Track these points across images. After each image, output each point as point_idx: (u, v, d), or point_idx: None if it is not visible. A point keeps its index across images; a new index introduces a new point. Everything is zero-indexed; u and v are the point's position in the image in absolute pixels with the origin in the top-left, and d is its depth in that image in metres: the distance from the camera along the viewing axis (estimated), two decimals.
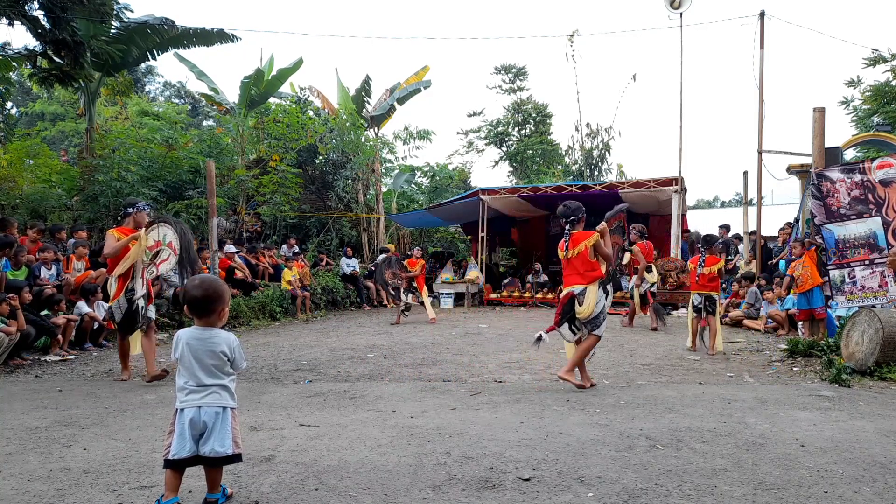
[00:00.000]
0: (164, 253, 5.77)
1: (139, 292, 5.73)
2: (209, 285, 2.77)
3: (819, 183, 7.31)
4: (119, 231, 5.80)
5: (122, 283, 5.67)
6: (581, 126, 26.02)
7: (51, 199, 12.96)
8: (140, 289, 5.73)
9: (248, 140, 17.00)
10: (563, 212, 5.36)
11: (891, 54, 13.55)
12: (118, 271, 5.62)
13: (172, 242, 5.75)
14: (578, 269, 5.18)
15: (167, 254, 5.77)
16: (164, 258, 5.78)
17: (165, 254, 5.77)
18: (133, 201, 6.06)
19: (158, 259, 5.79)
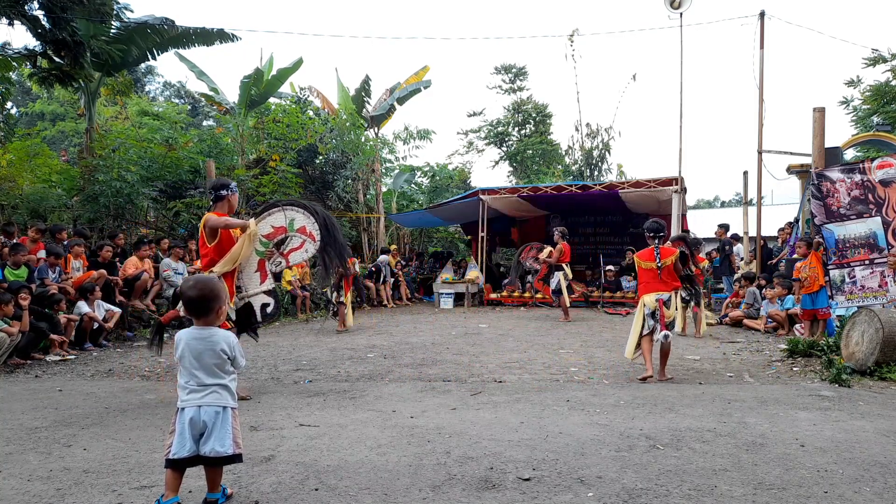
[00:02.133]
0: (294, 240, 5.06)
1: (254, 289, 4.99)
2: (204, 285, 2.78)
3: (819, 183, 7.31)
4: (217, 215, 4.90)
5: (230, 282, 4.83)
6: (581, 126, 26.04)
7: (51, 199, 12.95)
8: (256, 285, 4.98)
9: (248, 140, 16.99)
10: (654, 227, 5.90)
11: (891, 54, 13.55)
12: (221, 269, 4.76)
13: (307, 227, 5.02)
14: (665, 279, 5.77)
15: (300, 241, 5.05)
16: (296, 246, 5.07)
17: (297, 241, 5.06)
18: (226, 181, 5.06)
19: (287, 247, 5.07)
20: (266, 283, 4.99)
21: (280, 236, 5.06)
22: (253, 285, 4.97)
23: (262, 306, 4.99)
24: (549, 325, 10.46)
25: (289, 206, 5.10)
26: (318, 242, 5.04)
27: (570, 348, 7.80)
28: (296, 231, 5.05)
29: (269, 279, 5.01)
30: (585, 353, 7.36)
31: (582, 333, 9.39)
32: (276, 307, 5.09)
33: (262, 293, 4.98)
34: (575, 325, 10.53)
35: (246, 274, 4.95)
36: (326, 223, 5.06)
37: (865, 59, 13.87)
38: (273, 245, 5.06)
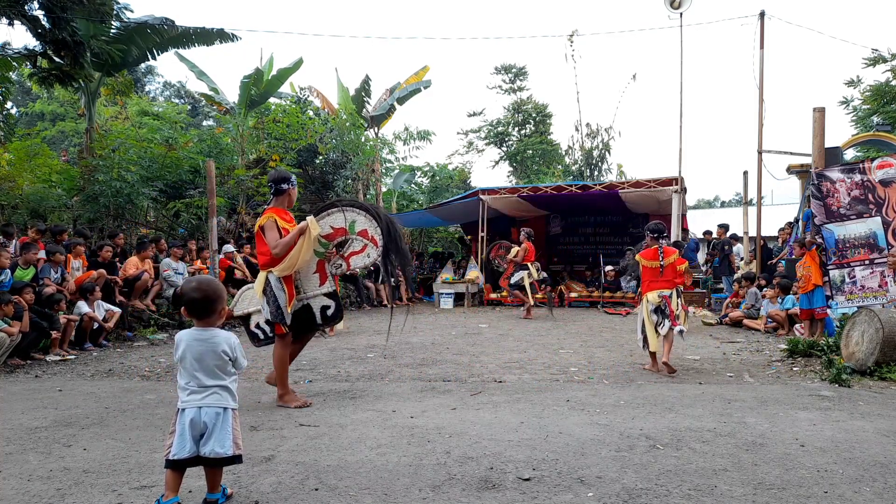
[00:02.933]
0: (355, 244, 4.87)
1: (312, 291, 4.80)
2: (207, 286, 2.77)
3: (819, 183, 7.31)
4: (277, 213, 4.66)
5: (290, 284, 4.66)
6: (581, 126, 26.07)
7: (51, 199, 12.94)
8: (314, 287, 4.80)
9: (248, 140, 16.99)
10: (656, 228, 6.30)
11: (891, 54, 13.55)
12: (282, 271, 4.58)
13: (369, 231, 4.84)
14: (668, 277, 6.17)
15: (361, 244, 4.86)
16: (357, 249, 4.87)
17: (358, 244, 4.87)
18: (286, 175, 4.81)
19: (347, 250, 4.88)
20: (326, 285, 4.83)
21: (340, 238, 4.90)
22: (311, 287, 4.81)
23: (322, 308, 4.82)
24: (549, 325, 10.47)
25: (349, 207, 4.91)
26: (380, 248, 4.85)
27: (570, 348, 7.80)
28: (357, 234, 4.88)
29: (328, 281, 4.84)
30: (585, 353, 7.36)
31: (582, 333, 9.39)
32: (338, 309, 4.90)
33: (321, 295, 4.82)
34: (575, 325, 10.53)
35: (304, 275, 4.78)
36: (389, 228, 4.85)
37: (865, 59, 13.88)
38: (333, 246, 4.90)
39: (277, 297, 4.58)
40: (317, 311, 4.81)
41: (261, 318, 4.73)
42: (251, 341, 4.88)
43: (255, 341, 4.84)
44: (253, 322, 4.81)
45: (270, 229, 4.55)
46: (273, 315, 4.59)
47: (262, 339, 4.78)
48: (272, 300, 4.58)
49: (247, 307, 4.85)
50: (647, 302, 6.15)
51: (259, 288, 4.66)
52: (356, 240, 4.88)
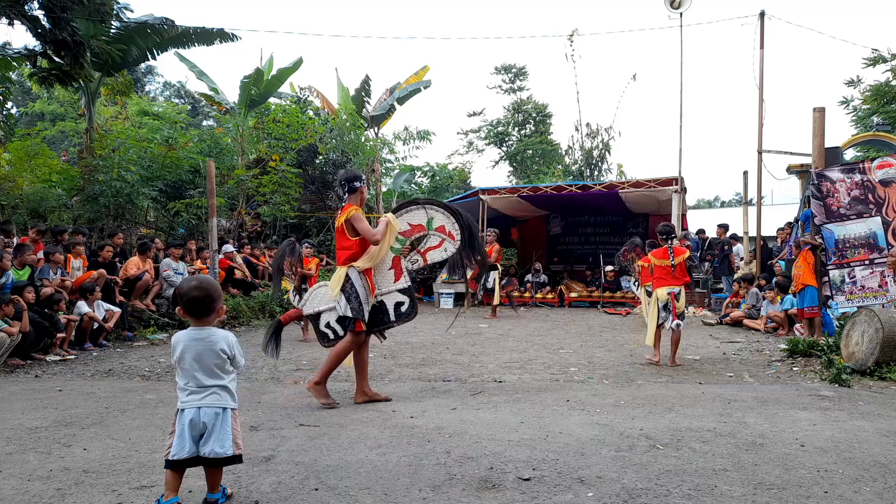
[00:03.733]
0: (432, 239, 4.92)
1: (387, 287, 4.81)
2: (208, 284, 2.77)
3: (819, 183, 7.31)
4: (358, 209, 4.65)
5: (371, 279, 4.70)
6: (581, 126, 26.03)
7: (51, 199, 12.94)
8: (389, 283, 4.81)
9: (248, 140, 16.99)
10: (666, 230, 6.85)
11: (891, 54, 13.55)
12: (364, 265, 4.61)
13: (446, 227, 4.90)
14: (677, 275, 6.65)
15: (438, 240, 4.91)
16: (434, 245, 4.92)
17: (436, 240, 4.91)
18: (358, 173, 4.86)
19: (424, 245, 4.93)
20: (400, 281, 4.83)
21: (417, 234, 4.94)
22: (386, 283, 4.81)
23: (395, 305, 4.80)
24: (549, 325, 10.47)
25: (429, 205, 4.98)
26: (457, 242, 4.90)
27: (570, 348, 7.80)
28: (434, 230, 4.91)
29: (403, 277, 4.84)
30: (585, 353, 7.36)
31: (582, 333, 9.39)
32: (412, 306, 4.86)
33: (396, 291, 4.81)
34: (575, 325, 10.53)
35: (379, 271, 4.78)
36: (469, 224, 4.91)
37: (865, 59, 13.87)
38: (409, 243, 4.94)
39: (359, 293, 4.56)
40: (390, 308, 4.80)
41: (332, 317, 4.73)
42: (320, 341, 4.87)
43: (325, 341, 4.83)
44: (323, 321, 4.79)
45: (360, 220, 4.56)
46: (355, 311, 4.55)
47: (332, 338, 4.78)
48: (354, 296, 4.55)
49: (317, 306, 4.82)
50: (657, 298, 6.67)
51: (337, 285, 4.59)
52: (434, 235, 4.93)
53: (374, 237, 4.56)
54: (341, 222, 4.65)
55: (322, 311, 4.78)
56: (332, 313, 4.71)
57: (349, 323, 4.63)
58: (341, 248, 4.69)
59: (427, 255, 4.95)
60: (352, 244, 4.61)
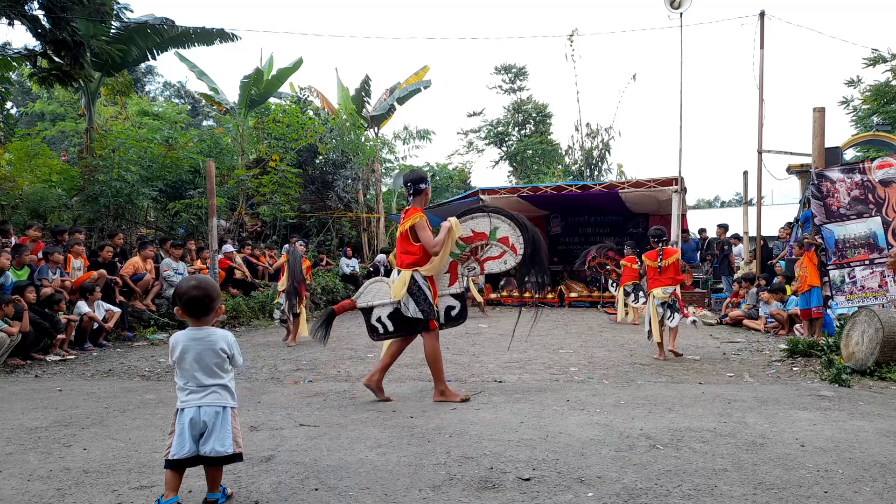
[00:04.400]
0: (493, 249, 4.90)
1: (441, 290, 4.85)
2: (207, 284, 2.77)
3: (819, 183, 7.31)
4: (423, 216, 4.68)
5: (433, 282, 4.76)
6: (581, 126, 26.02)
7: (51, 199, 12.94)
8: (444, 287, 4.86)
9: (248, 140, 16.99)
10: (657, 233, 7.21)
11: (891, 54, 13.55)
12: (427, 270, 4.68)
13: (510, 239, 4.86)
14: (670, 275, 6.99)
15: (499, 251, 4.89)
16: (494, 255, 4.91)
17: (496, 251, 4.89)
18: (423, 175, 4.86)
19: (483, 255, 4.93)
20: (455, 286, 4.88)
21: (478, 242, 4.92)
22: (441, 286, 4.85)
23: (447, 308, 4.86)
24: (549, 325, 10.46)
25: (495, 214, 4.93)
26: (518, 256, 4.87)
27: (570, 348, 7.80)
28: (497, 240, 4.89)
29: (458, 282, 4.89)
30: (585, 353, 7.36)
31: (582, 333, 9.39)
32: (463, 311, 4.91)
33: (448, 295, 4.86)
34: (575, 325, 10.53)
35: (436, 275, 4.82)
36: (534, 239, 4.87)
37: (865, 59, 13.87)
38: (469, 249, 4.93)
39: (427, 295, 4.65)
40: (441, 311, 4.85)
41: (384, 312, 4.78)
42: (370, 334, 4.91)
43: (374, 335, 4.88)
44: (375, 315, 4.83)
45: (424, 228, 4.60)
46: (426, 312, 4.64)
47: (382, 332, 4.84)
48: (422, 298, 4.63)
49: (371, 300, 4.85)
50: (653, 297, 6.98)
51: (403, 287, 4.63)
52: (495, 245, 4.92)
53: (434, 248, 4.60)
54: (406, 228, 4.66)
55: (376, 305, 4.82)
56: (385, 309, 4.77)
57: (422, 324, 4.69)
58: (405, 252, 4.72)
59: (485, 264, 4.97)
60: (416, 249, 4.65)
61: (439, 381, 4.76)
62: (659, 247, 7.05)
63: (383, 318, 4.79)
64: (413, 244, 4.66)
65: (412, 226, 4.61)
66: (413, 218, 4.62)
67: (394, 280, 4.76)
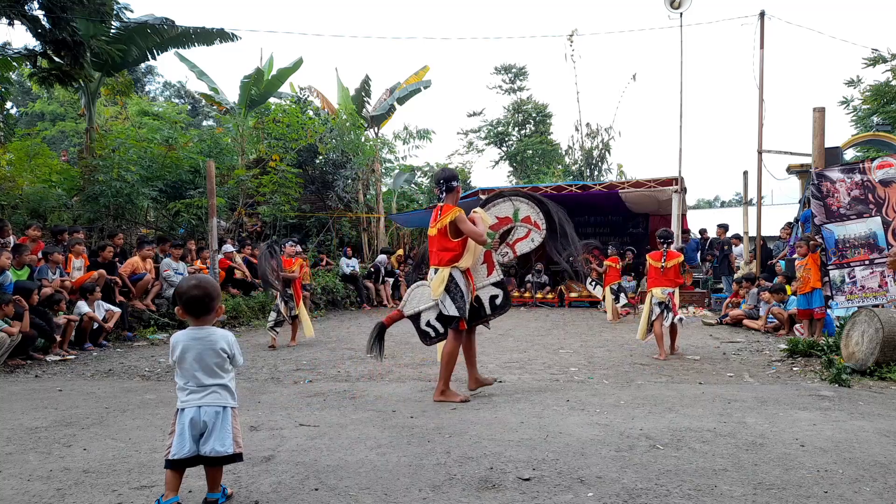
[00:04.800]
0: (519, 230, 5.02)
1: (481, 281, 4.91)
2: (207, 283, 2.77)
3: (819, 183, 7.31)
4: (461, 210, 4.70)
5: (471, 277, 4.81)
6: (581, 126, 25.99)
7: (51, 199, 12.94)
8: (483, 278, 4.91)
9: (248, 140, 16.99)
10: (664, 234, 7.40)
11: (891, 54, 13.55)
12: (465, 264, 4.71)
13: (531, 217, 4.98)
14: (670, 277, 7.20)
15: (525, 230, 5.00)
16: (522, 236, 5.02)
17: (523, 231, 5.01)
18: (454, 173, 4.92)
19: (512, 237, 5.04)
20: (493, 274, 4.94)
21: (506, 227, 5.01)
22: (480, 278, 4.91)
23: (490, 298, 4.91)
24: (549, 325, 10.47)
25: (514, 196, 5.04)
26: (543, 231, 4.99)
27: (570, 348, 7.80)
28: (521, 221, 4.98)
29: (496, 271, 4.95)
30: (585, 353, 7.36)
31: (582, 333, 9.39)
32: (506, 298, 4.98)
33: (489, 285, 4.92)
34: (575, 326, 10.53)
35: (474, 267, 4.86)
36: (554, 212, 5.00)
37: (865, 59, 13.88)
38: (498, 236, 5.00)
39: (463, 292, 4.67)
40: (486, 301, 4.89)
41: (432, 316, 4.79)
42: (422, 340, 4.93)
43: (427, 339, 4.89)
44: (423, 320, 4.84)
45: (465, 221, 4.60)
46: (460, 310, 4.66)
47: (434, 336, 4.85)
48: (459, 295, 4.65)
49: (417, 306, 4.86)
50: (650, 296, 7.23)
51: (441, 285, 4.65)
52: (520, 226, 5.00)
53: (482, 237, 4.64)
54: (444, 224, 4.65)
55: (422, 310, 4.83)
56: (432, 311, 4.77)
57: (454, 322, 4.71)
58: (443, 248, 4.70)
59: (516, 246, 5.05)
60: (455, 245, 4.66)
61: (444, 381, 4.75)
62: (664, 248, 7.25)
63: (432, 321, 4.80)
64: (451, 240, 4.66)
65: (452, 221, 4.61)
66: (452, 213, 4.62)
67: (431, 279, 4.78)
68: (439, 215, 4.74)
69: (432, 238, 4.80)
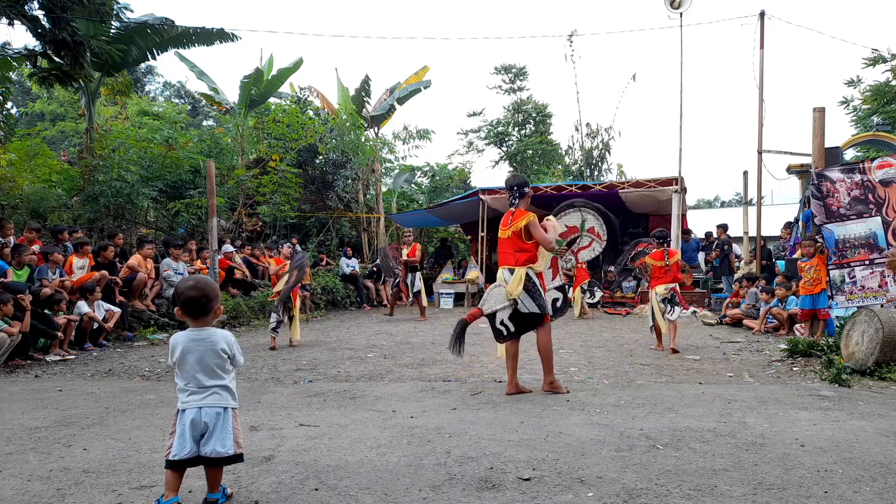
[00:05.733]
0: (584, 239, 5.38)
1: (548, 285, 5.14)
2: (205, 284, 2.76)
3: (819, 183, 7.31)
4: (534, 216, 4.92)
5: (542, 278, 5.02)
6: (581, 126, 26.01)
7: (51, 199, 12.94)
8: (548, 281, 5.16)
9: (248, 140, 16.99)
10: (662, 235, 7.70)
11: (891, 54, 13.55)
12: (539, 266, 4.95)
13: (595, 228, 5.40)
14: (673, 274, 7.54)
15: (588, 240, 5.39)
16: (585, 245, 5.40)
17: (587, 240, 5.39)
18: (525, 179, 5.15)
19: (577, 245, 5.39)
20: (557, 279, 5.18)
21: (572, 235, 5.24)
22: (546, 281, 5.09)
23: (553, 301, 5.15)
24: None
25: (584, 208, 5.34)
26: (604, 242, 5.27)
27: (570, 348, 7.80)
28: (586, 231, 5.25)
29: (559, 276, 5.18)
30: (585, 353, 7.36)
31: (582, 333, 9.39)
32: (565, 301, 5.22)
33: (553, 289, 5.15)
34: (575, 326, 10.53)
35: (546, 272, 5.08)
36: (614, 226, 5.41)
37: (865, 59, 13.88)
38: (566, 244, 5.21)
39: (540, 291, 4.89)
40: (548, 303, 5.08)
41: (505, 315, 4.93)
42: (496, 337, 5.05)
43: (500, 337, 5.03)
44: (498, 319, 4.97)
45: (537, 227, 4.83)
46: (542, 307, 4.88)
47: (506, 334, 4.98)
48: (537, 294, 4.86)
49: (494, 305, 4.98)
50: (655, 294, 7.56)
51: (519, 285, 4.82)
52: (585, 236, 5.31)
53: (551, 245, 4.87)
54: (519, 227, 4.88)
55: (498, 310, 4.95)
56: (506, 311, 4.91)
57: (539, 318, 4.91)
58: (519, 250, 4.92)
59: (579, 254, 5.35)
60: (530, 247, 4.89)
61: (549, 373, 4.98)
62: (664, 248, 7.64)
63: (505, 320, 4.95)
64: (526, 242, 4.88)
65: (526, 224, 4.83)
66: (527, 217, 4.85)
67: (506, 280, 4.93)
68: (511, 220, 4.97)
69: (504, 240, 5.02)
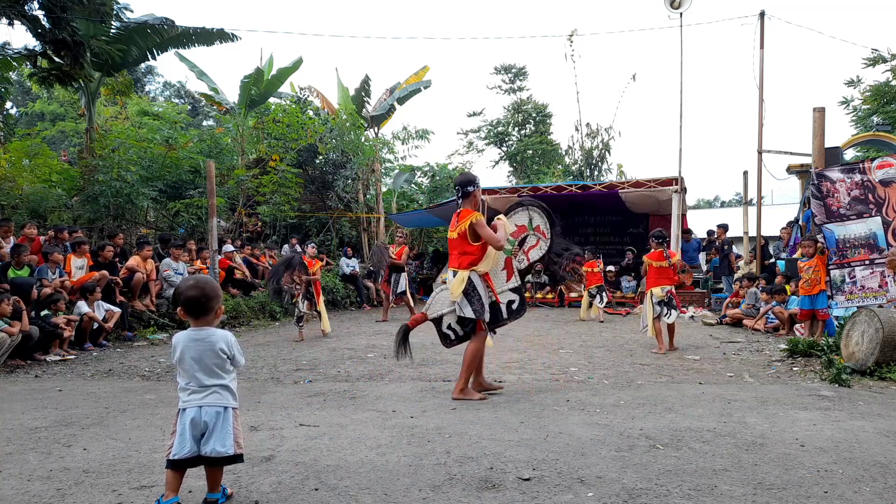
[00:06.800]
0: (531, 238, 5.24)
1: (500, 287, 5.01)
2: (205, 284, 2.76)
3: (819, 183, 7.31)
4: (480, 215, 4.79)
5: (490, 281, 4.92)
6: (581, 126, 25.98)
7: (51, 199, 12.94)
8: (502, 283, 5.02)
9: (248, 140, 16.99)
10: (660, 235, 7.68)
11: (891, 54, 13.57)
12: (484, 268, 4.82)
13: (541, 226, 5.22)
14: (668, 275, 7.55)
15: (535, 239, 5.23)
16: (533, 244, 5.24)
17: (534, 239, 5.23)
18: (472, 177, 4.99)
19: (527, 245, 5.25)
20: (511, 280, 5.06)
21: (522, 235, 5.21)
22: (499, 283, 5.01)
23: (507, 303, 5.03)
24: (549, 325, 10.47)
25: (531, 206, 5.24)
26: (548, 240, 5.21)
27: (570, 348, 7.80)
28: (533, 230, 5.20)
29: (514, 277, 5.08)
30: (585, 353, 7.35)
31: (582, 333, 9.39)
32: (521, 303, 5.11)
33: (508, 290, 5.04)
34: (575, 326, 10.53)
35: (493, 272, 4.97)
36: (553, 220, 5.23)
37: (865, 59, 13.89)
38: (517, 243, 5.17)
39: (481, 295, 4.76)
40: (503, 306, 4.99)
41: (452, 319, 4.88)
42: (442, 342, 5.02)
43: (447, 342, 4.98)
44: (445, 323, 4.93)
45: (483, 226, 4.68)
46: (477, 312, 4.74)
47: (454, 339, 4.96)
48: (476, 298, 4.74)
49: (440, 309, 4.96)
50: (650, 295, 7.49)
51: (459, 288, 4.74)
52: (532, 235, 5.20)
53: (500, 244, 4.70)
54: (464, 228, 4.75)
55: (444, 313, 4.93)
56: (452, 315, 4.86)
57: (470, 324, 4.81)
58: (462, 252, 4.81)
59: (529, 254, 5.24)
60: (474, 249, 4.76)
61: (463, 380, 4.82)
62: (664, 248, 7.63)
63: (452, 324, 4.89)
64: (471, 244, 4.75)
65: (471, 224, 4.70)
66: (471, 217, 4.72)
67: (450, 282, 4.86)
68: (457, 220, 4.83)
69: (452, 241, 4.90)
